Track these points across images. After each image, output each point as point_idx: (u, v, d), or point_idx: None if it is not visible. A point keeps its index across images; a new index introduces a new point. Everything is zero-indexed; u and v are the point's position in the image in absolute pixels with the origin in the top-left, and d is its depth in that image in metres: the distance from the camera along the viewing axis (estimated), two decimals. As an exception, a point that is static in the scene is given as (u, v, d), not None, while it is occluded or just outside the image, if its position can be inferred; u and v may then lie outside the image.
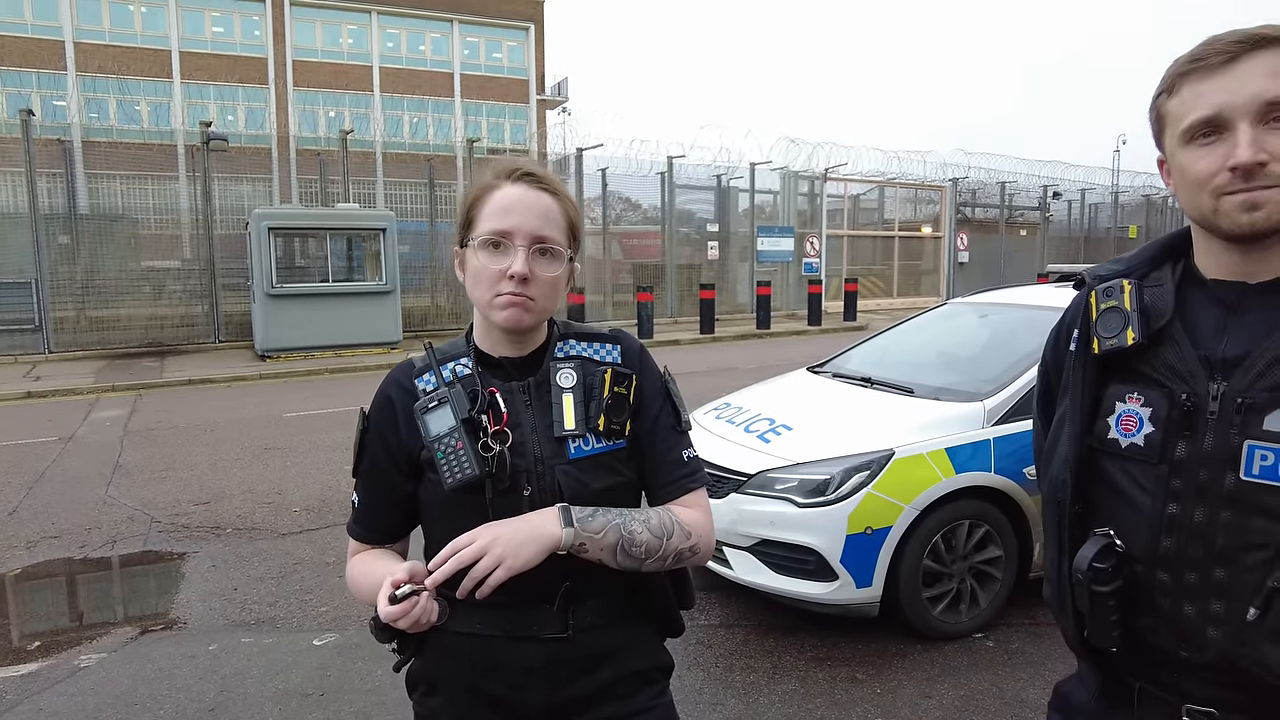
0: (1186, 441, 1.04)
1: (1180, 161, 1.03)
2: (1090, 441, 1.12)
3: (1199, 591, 1.02)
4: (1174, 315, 1.07)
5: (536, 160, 1.32)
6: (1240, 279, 1.05)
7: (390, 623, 1.13)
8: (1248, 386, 0.99)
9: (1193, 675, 1.04)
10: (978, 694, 3.12)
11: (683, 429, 1.34)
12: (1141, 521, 1.06)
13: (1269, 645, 0.97)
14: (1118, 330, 1.09)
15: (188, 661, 3.50)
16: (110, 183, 14.78)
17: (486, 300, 1.23)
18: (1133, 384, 1.09)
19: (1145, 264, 1.14)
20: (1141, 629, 1.07)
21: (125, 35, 31.45)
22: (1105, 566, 1.05)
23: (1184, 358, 1.05)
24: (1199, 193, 1.01)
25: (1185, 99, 1.02)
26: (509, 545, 1.14)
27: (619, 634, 1.29)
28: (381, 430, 1.30)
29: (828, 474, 3.44)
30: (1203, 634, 1.02)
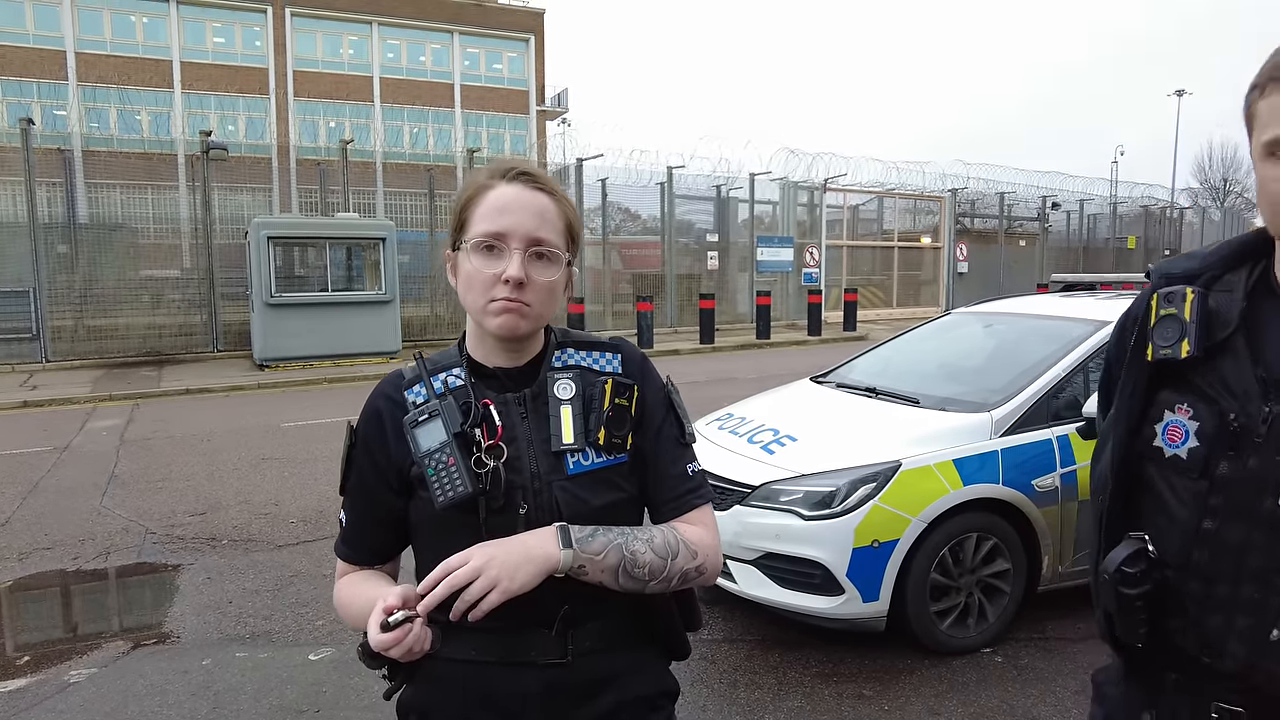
0: (1230, 461, 1.01)
1: (1262, 174, 0.97)
2: (1137, 444, 1.11)
3: (1227, 605, 1.03)
4: (1239, 327, 1.03)
5: (548, 176, 1.28)
6: None
7: (381, 651, 1.07)
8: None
9: (1213, 680, 1.05)
10: (987, 711, 3.06)
11: (687, 441, 1.28)
12: (1175, 531, 1.06)
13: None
14: (1173, 340, 1.06)
15: (180, 677, 3.42)
16: (110, 192, 14.78)
17: (480, 306, 1.16)
18: (1184, 394, 1.06)
19: (1220, 264, 1.09)
20: (1169, 630, 1.08)
21: (127, 45, 31.57)
22: (1134, 571, 1.06)
23: (1241, 375, 1.02)
24: (1277, 211, 0.97)
25: (1274, 105, 0.94)
26: (505, 567, 1.08)
27: (621, 658, 1.23)
28: (370, 445, 1.23)
29: (833, 486, 3.38)
30: (1225, 645, 1.03)
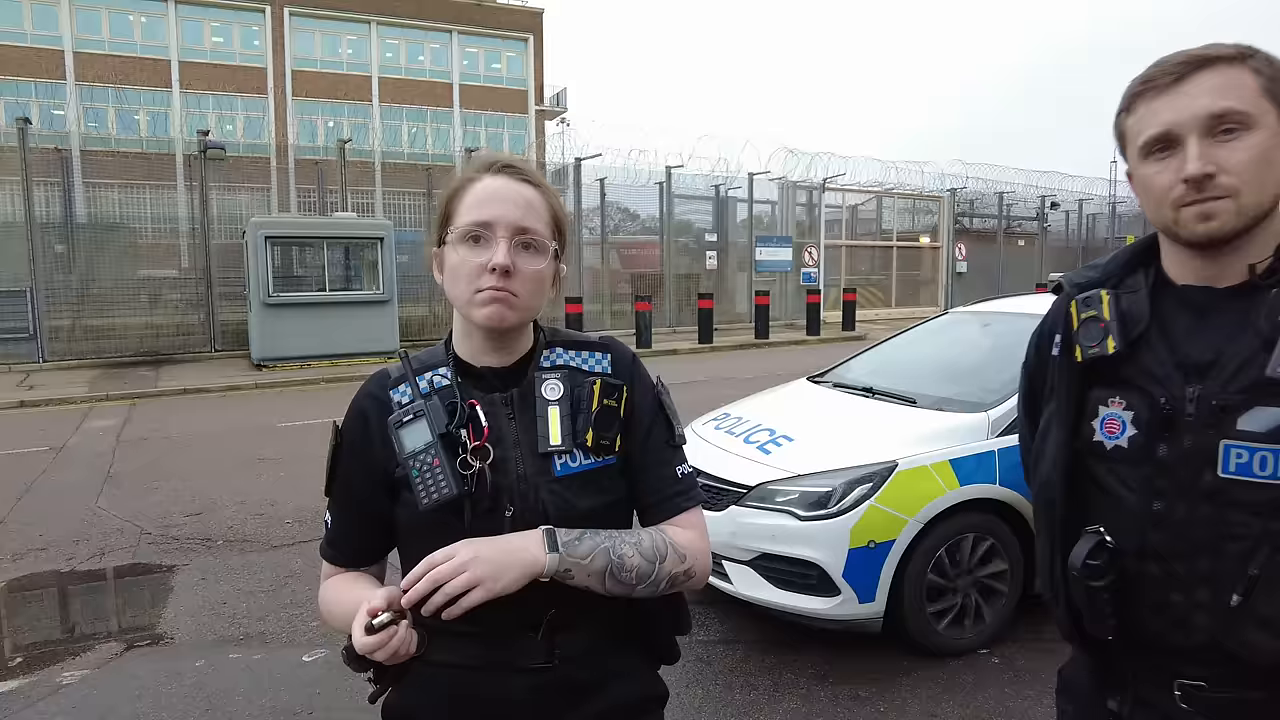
0: (1167, 443, 1.10)
1: (1141, 175, 1.11)
2: (1076, 444, 1.18)
3: (1186, 581, 1.09)
4: (1150, 322, 1.13)
5: (534, 169, 1.27)
6: (1207, 284, 1.11)
7: (366, 654, 1.05)
8: (1221, 389, 1.06)
9: (1183, 657, 1.11)
10: (984, 712, 3.04)
11: (676, 443, 1.26)
12: (1129, 518, 1.13)
13: (1253, 629, 1.05)
14: (1099, 339, 1.14)
15: (173, 679, 3.41)
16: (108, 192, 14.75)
17: (466, 297, 1.14)
18: (1114, 388, 1.15)
19: (1120, 269, 1.20)
20: (1135, 618, 1.13)
21: (125, 45, 31.54)
22: (1098, 563, 1.11)
23: (1161, 363, 1.11)
24: (1160, 205, 1.09)
25: (1141, 117, 1.09)
26: (490, 566, 1.06)
27: (609, 663, 1.21)
28: (355, 445, 1.22)
29: (829, 486, 3.37)
30: (1191, 621, 1.09)
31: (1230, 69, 1.04)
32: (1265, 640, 1.04)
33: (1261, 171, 1.03)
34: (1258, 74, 1.04)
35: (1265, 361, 1.03)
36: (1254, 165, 1.02)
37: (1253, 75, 1.04)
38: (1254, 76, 1.04)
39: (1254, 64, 1.04)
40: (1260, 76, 1.04)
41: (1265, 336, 1.04)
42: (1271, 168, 1.04)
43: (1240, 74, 1.04)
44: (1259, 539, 1.04)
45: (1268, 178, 1.04)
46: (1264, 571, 1.03)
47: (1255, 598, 1.04)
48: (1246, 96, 1.03)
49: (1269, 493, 1.03)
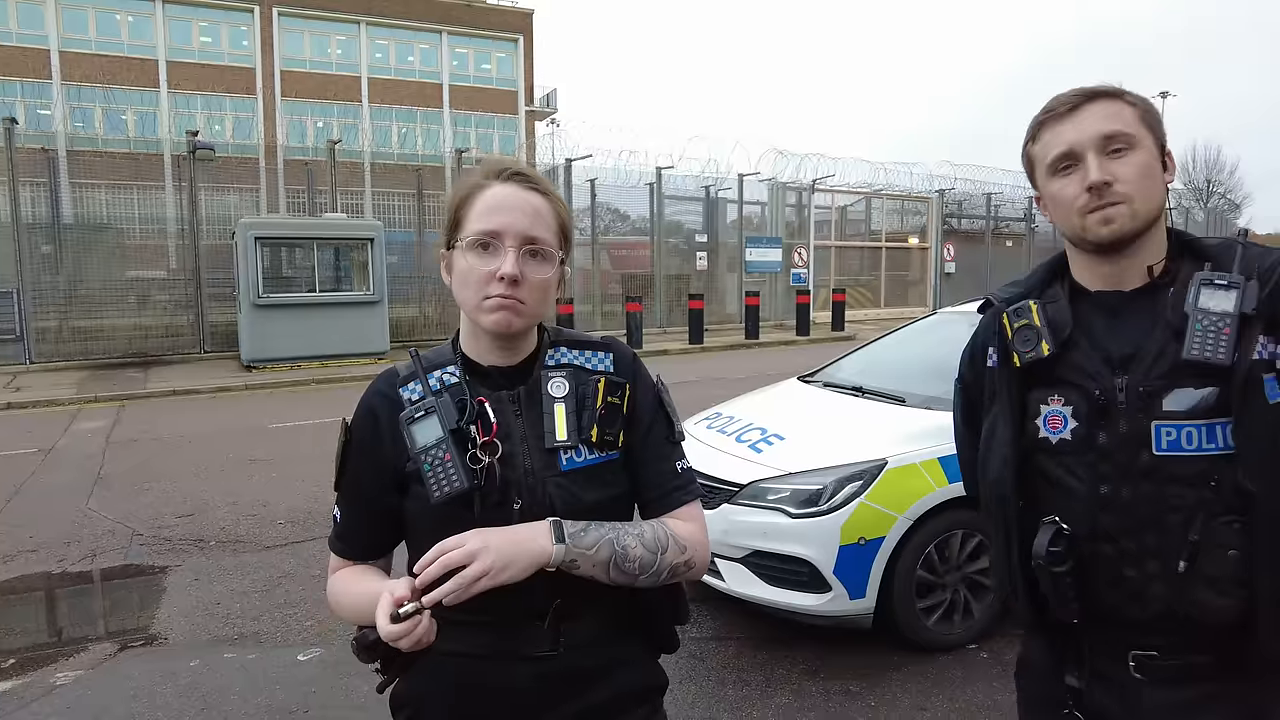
0: (1105, 430, 1.22)
1: (1051, 190, 1.26)
2: (1023, 442, 1.29)
3: (1137, 556, 1.21)
4: (1074, 325, 1.27)
5: (542, 176, 1.29)
6: (1115, 288, 1.27)
7: (391, 642, 1.07)
8: (1145, 376, 1.20)
9: (1139, 629, 1.22)
10: (973, 706, 3.09)
11: (676, 440, 1.30)
12: (1080, 505, 1.24)
13: (1202, 590, 1.16)
14: (1034, 344, 1.27)
15: (168, 678, 3.41)
16: (95, 192, 14.66)
17: (475, 303, 1.18)
18: (1052, 388, 1.27)
19: (1039, 284, 1.35)
20: (1094, 597, 1.24)
21: (111, 44, 31.33)
22: (1059, 549, 1.21)
23: (1090, 359, 1.24)
24: (1069, 214, 1.24)
25: (1046, 142, 1.26)
26: (498, 555, 1.09)
27: (612, 651, 1.25)
28: (364, 442, 1.25)
29: (820, 484, 3.41)
30: (1146, 592, 1.20)
31: (1112, 101, 1.24)
32: (1212, 598, 1.16)
33: (1147, 183, 1.21)
34: (1133, 106, 1.24)
35: (1178, 349, 1.17)
36: (1141, 178, 1.21)
37: (1129, 107, 1.23)
38: (1130, 108, 1.23)
39: (1129, 98, 1.25)
40: (1135, 108, 1.24)
41: (1175, 327, 1.19)
42: (1154, 180, 1.22)
43: (1120, 106, 1.23)
44: (1194, 508, 1.17)
45: (1152, 188, 1.22)
46: (1203, 537, 1.16)
47: (1199, 561, 1.16)
48: (1129, 122, 1.22)
49: (1197, 465, 1.17)
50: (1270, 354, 1.14)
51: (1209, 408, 1.16)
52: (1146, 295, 1.24)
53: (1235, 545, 1.15)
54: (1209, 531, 1.16)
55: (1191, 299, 1.18)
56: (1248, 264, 1.19)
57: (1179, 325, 1.18)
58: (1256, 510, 1.13)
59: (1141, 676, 1.23)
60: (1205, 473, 1.16)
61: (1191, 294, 1.18)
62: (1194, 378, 1.17)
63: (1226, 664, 1.20)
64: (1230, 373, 1.14)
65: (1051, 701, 1.33)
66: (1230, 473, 1.15)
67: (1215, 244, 1.26)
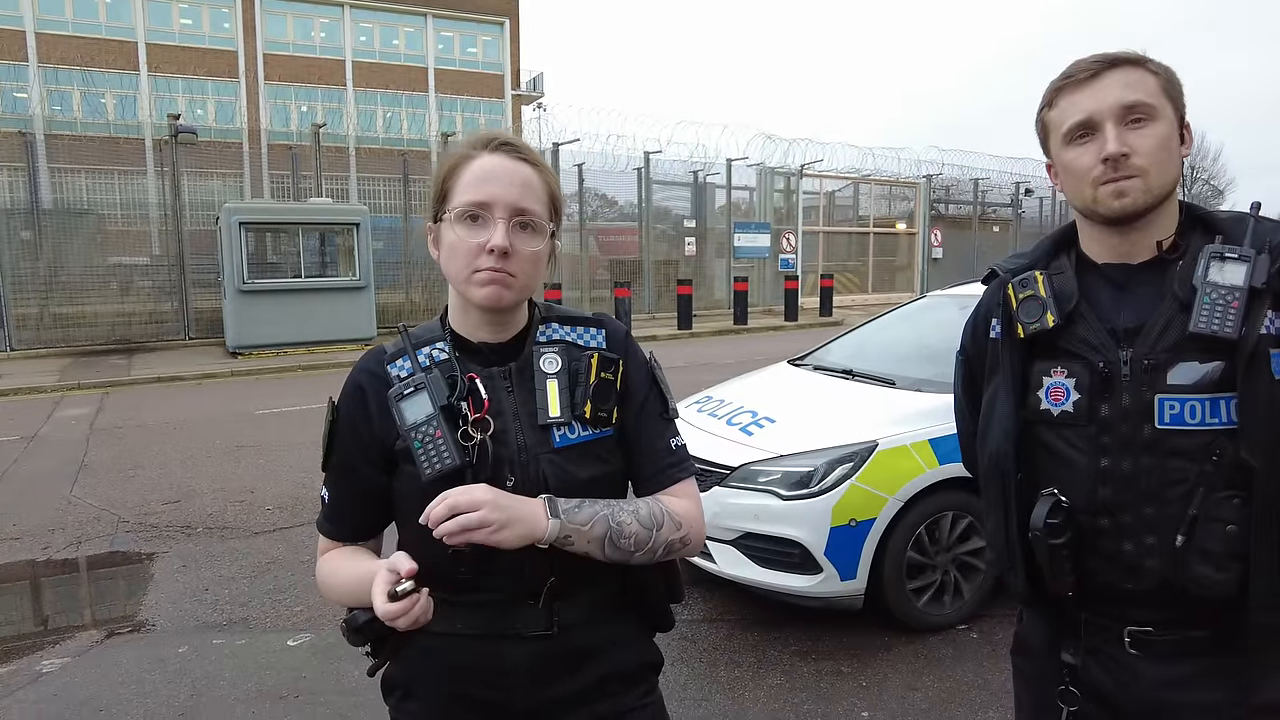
0: (1108, 403, 1.21)
1: (1065, 160, 1.24)
2: (1024, 414, 1.28)
3: (1134, 529, 1.20)
4: (1079, 297, 1.25)
5: (531, 147, 1.25)
6: (1123, 260, 1.25)
7: (388, 621, 1.04)
8: (1150, 349, 1.18)
9: (1135, 603, 1.22)
10: (963, 686, 3.11)
11: (670, 416, 1.28)
12: (1080, 477, 1.23)
13: (1198, 564, 1.16)
14: (1039, 315, 1.25)
15: (157, 665, 3.39)
16: (75, 177, 14.44)
17: (464, 276, 1.14)
18: (1056, 359, 1.25)
19: (1045, 256, 1.33)
20: (1090, 570, 1.23)
21: (89, 26, 30.77)
22: (1057, 521, 1.21)
23: (1095, 331, 1.23)
24: (1081, 184, 1.21)
25: (1063, 109, 1.23)
26: (502, 514, 1.07)
27: (606, 630, 1.23)
28: (353, 420, 1.21)
29: (811, 466, 3.41)
30: (1142, 566, 1.19)
31: (1135, 69, 1.20)
32: (1209, 573, 1.15)
33: (1164, 157, 1.18)
34: (1156, 75, 1.20)
35: (1185, 322, 1.15)
36: (1159, 151, 1.18)
37: (1152, 76, 1.20)
38: (1153, 77, 1.20)
39: (1151, 66, 1.21)
40: (1158, 77, 1.20)
41: (1183, 300, 1.17)
42: (1171, 154, 1.19)
43: (1142, 74, 1.20)
44: (1195, 482, 1.16)
45: (1169, 162, 1.19)
46: (1201, 511, 1.15)
47: (1197, 535, 1.16)
48: (1151, 91, 1.18)
49: (1199, 439, 1.16)
50: (1278, 329, 1.13)
51: (1213, 382, 1.15)
52: (1154, 269, 1.23)
53: (1234, 520, 1.14)
54: (1208, 506, 1.15)
55: (1201, 271, 1.16)
56: (1259, 238, 1.17)
57: (1187, 298, 1.17)
58: (1255, 485, 1.13)
59: (1137, 652, 1.23)
60: (1207, 447, 1.15)
61: (1201, 267, 1.17)
62: (1200, 351, 1.15)
63: (1221, 639, 1.20)
64: (1237, 347, 1.12)
65: (1048, 678, 1.33)
66: (1232, 448, 1.14)
67: (1227, 217, 1.24)
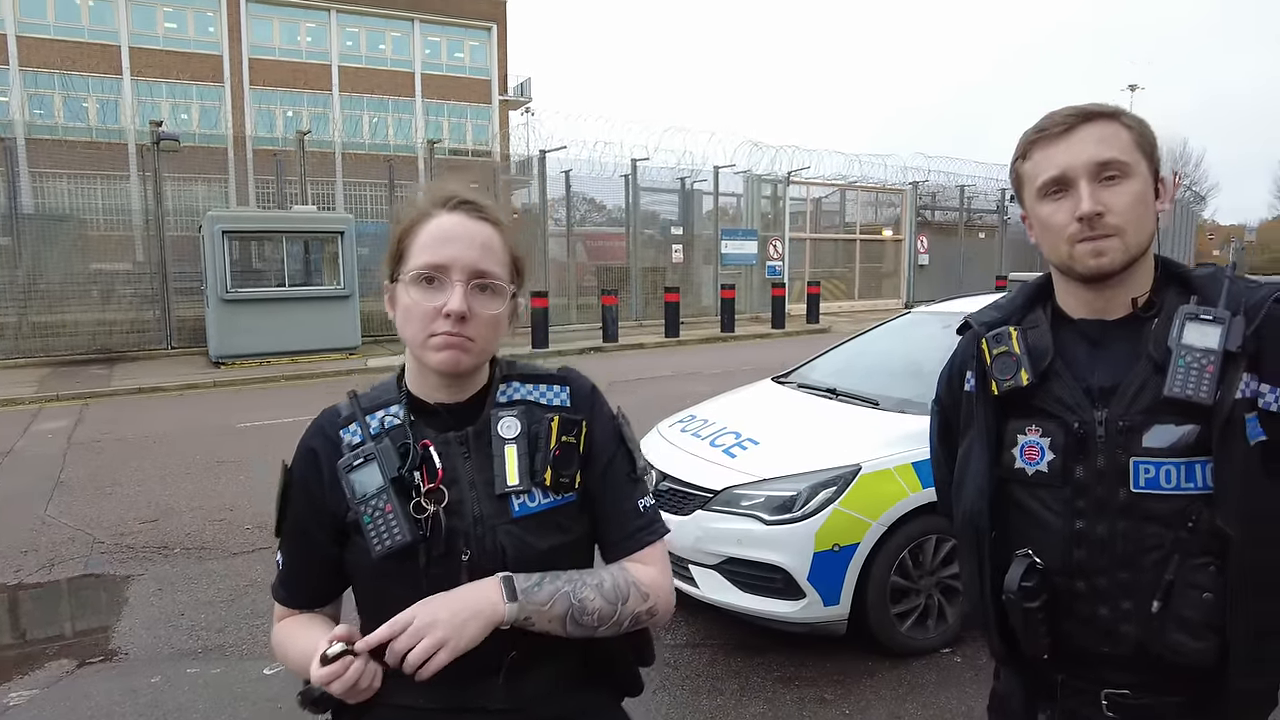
0: (1083, 464, 1.19)
1: (1040, 214, 1.22)
2: (998, 472, 1.26)
3: (1110, 593, 1.18)
4: (1055, 354, 1.23)
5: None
6: (1099, 316, 1.23)
7: (323, 686, 1.02)
8: (1125, 411, 1.17)
9: (1111, 666, 1.20)
10: (947, 712, 3.09)
11: (638, 476, 1.24)
12: (1054, 539, 1.21)
13: (1174, 631, 1.14)
14: (1013, 372, 1.24)
15: (128, 696, 3.32)
16: (55, 182, 14.28)
17: (420, 340, 1.11)
18: (1030, 418, 1.23)
19: (1020, 309, 1.31)
20: (1065, 633, 1.21)
21: (71, 29, 30.45)
22: (1031, 584, 1.19)
23: (1070, 390, 1.21)
24: (1058, 241, 1.20)
25: (1037, 162, 1.21)
26: (450, 626, 1.04)
27: (571, 701, 1.19)
28: (306, 484, 1.18)
29: (794, 490, 3.38)
30: (1118, 630, 1.18)
31: (1109, 123, 1.18)
32: (1185, 640, 1.14)
33: (1140, 213, 1.17)
34: (1129, 129, 1.19)
35: (1160, 384, 1.14)
36: (1134, 207, 1.16)
37: (1126, 130, 1.18)
38: (1127, 131, 1.18)
39: (1125, 120, 1.19)
40: (1132, 131, 1.19)
41: (1157, 361, 1.16)
42: (1147, 210, 1.18)
43: (1117, 129, 1.18)
44: (1170, 548, 1.14)
45: (1145, 219, 1.18)
46: (1178, 577, 1.13)
47: (1173, 602, 1.14)
48: (1125, 148, 1.17)
49: (1175, 504, 1.14)
50: (1253, 392, 1.12)
51: (1189, 446, 1.13)
52: (1130, 326, 1.21)
53: (1209, 588, 1.13)
54: (1184, 572, 1.13)
55: (1175, 333, 1.15)
56: (1234, 298, 1.16)
57: (1161, 359, 1.16)
58: (1231, 554, 1.11)
59: (1114, 715, 1.21)
60: (1183, 512, 1.13)
61: (1175, 328, 1.15)
62: (1175, 415, 1.14)
63: (1198, 705, 1.18)
64: (1212, 412, 1.11)
65: None
66: (1208, 514, 1.12)
67: (1202, 276, 1.22)
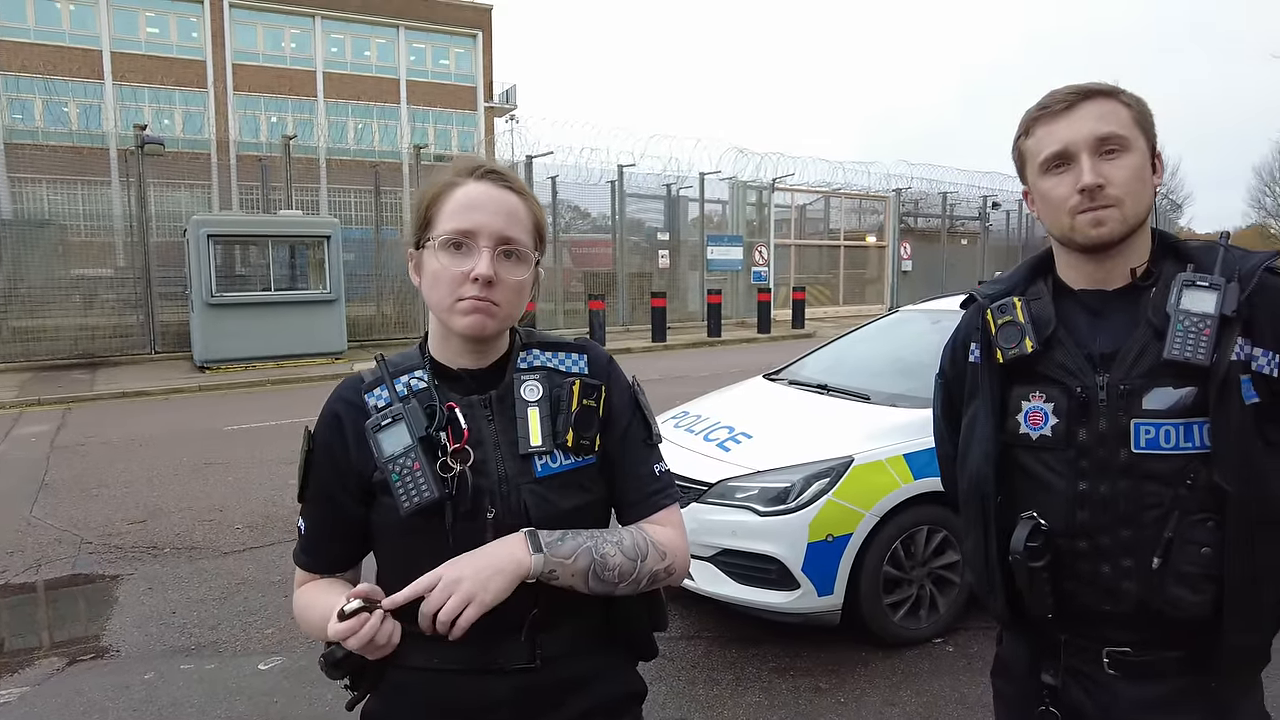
0: (1085, 427, 1.23)
1: (1042, 189, 1.27)
2: (1003, 438, 1.30)
3: (1112, 552, 1.22)
4: (1057, 323, 1.28)
5: (516, 175, 1.26)
6: (1099, 287, 1.28)
7: (339, 640, 1.04)
8: (1125, 374, 1.21)
9: (1113, 624, 1.24)
10: (940, 700, 3.13)
11: (653, 442, 1.28)
12: (1058, 500, 1.25)
13: (1174, 586, 1.19)
14: (1018, 340, 1.28)
15: (121, 692, 3.30)
16: (36, 187, 14.12)
17: (447, 305, 1.13)
18: (1034, 384, 1.28)
19: (1023, 281, 1.36)
20: (1069, 593, 1.25)
21: (52, 34, 30.17)
22: (1037, 544, 1.23)
23: (1073, 357, 1.26)
24: (1059, 213, 1.25)
25: (1039, 138, 1.26)
26: (476, 581, 1.06)
27: (589, 661, 1.22)
28: (330, 449, 1.20)
29: (788, 482, 3.42)
30: (1120, 588, 1.22)
31: (1108, 101, 1.23)
32: (1184, 595, 1.18)
33: (1138, 186, 1.22)
34: (1128, 106, 1.24)
35: (1159, 348, 1.18)
36: (1133, 181, 1.21)
37: (1125, 107, 1.23)
38: (1126, 109, 1.23)
39: (1124, 98, 1.24)
40: (1131, 109, 1.24)
41: (1157, 327, 1.21)
42: (1145, 184, 1.23)
43: (1115, 105, 1.23)
44: (1170, 505, 1.19)
45: (1143, 192, 1.23)
46: (1177, 534, 1.18)
47: (1172, 558, 1.18)
48: (1124, 123, 1.22)
49: (1174, 463, 1.18)
50: (1247, 355, 1.17)
51: (1187, 407, 1.18)
52: (1129, 295, 1.26)
53: (1208, 543, 1.17)
54: (1183, 529, 1.18)
55: (1174, 299, 1.20)
56: (1229, 266, 1.21)
57: (1160, 325, 1.20)
58: (1228, 508, 1.15)
59: (1115, 672, 1.25)
60: (1182, 471, 1.18)
61: (1174, 295, 1.20)
62: (1173, 377, 1.18)
63: (1196, 660, 1.22)
64: (1209, 373, 1.15)
65: (1028, 700, 1.34)
66: (1206, 472, 1.17)
67: (1198, 246, 1.28)
